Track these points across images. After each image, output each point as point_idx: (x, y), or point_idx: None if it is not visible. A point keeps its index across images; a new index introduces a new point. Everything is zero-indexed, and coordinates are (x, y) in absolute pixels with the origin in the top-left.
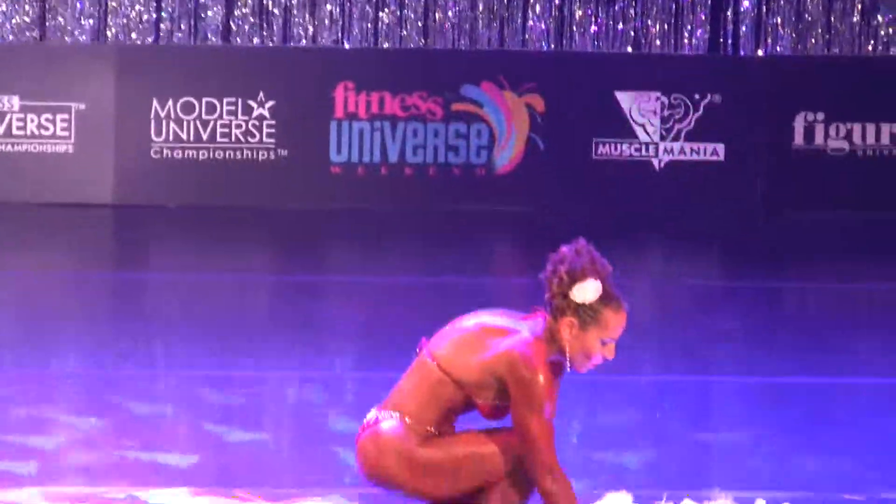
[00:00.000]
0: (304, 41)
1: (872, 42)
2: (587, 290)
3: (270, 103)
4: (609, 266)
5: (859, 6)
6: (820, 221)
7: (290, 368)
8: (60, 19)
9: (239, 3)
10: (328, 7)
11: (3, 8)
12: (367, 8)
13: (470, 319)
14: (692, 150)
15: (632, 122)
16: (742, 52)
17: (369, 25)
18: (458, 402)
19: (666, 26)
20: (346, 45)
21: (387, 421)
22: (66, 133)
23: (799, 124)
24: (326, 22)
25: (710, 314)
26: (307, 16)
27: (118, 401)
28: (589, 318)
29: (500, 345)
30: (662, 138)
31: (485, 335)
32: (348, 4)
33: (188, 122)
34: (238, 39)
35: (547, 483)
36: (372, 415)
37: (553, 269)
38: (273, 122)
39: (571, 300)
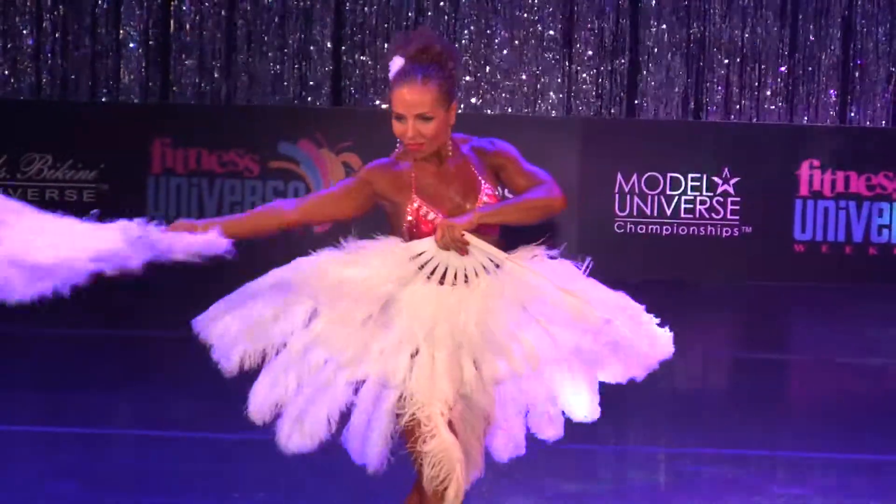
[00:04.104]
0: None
1: None
2: (389, 69)
3: (735, 180)
4: (421, 44)
5: None
6: None
7: None
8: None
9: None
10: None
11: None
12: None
13: None
14: None
15: None
16: None
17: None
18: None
19: None
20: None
21: None
22: None
23: None
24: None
25: None
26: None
27: None
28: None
29: None
30: None
31: None
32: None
33: (652, 197)
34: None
35: None
36: None
37: None
38: (737, 198)
39: None
